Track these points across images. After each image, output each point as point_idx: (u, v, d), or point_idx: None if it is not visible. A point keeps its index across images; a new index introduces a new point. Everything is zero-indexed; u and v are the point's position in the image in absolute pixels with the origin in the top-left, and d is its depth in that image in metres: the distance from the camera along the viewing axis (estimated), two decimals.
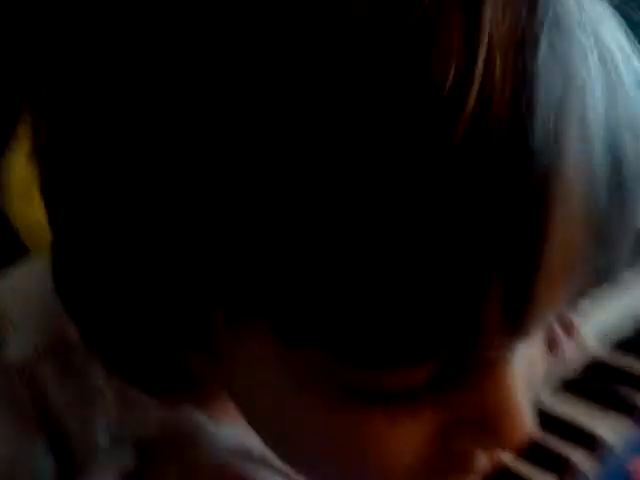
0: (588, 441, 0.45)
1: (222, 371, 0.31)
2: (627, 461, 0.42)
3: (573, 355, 0.55)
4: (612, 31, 0.25)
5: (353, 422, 0.28)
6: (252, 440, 0.37)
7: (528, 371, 0.29)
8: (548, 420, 0.48)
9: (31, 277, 0.37)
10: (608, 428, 0.46)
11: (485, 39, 0.22)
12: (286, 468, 0.37)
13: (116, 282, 0.29)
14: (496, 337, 0.24)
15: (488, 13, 0.22)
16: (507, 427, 0.27)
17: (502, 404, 0.27)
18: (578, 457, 0.44)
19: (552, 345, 0.54)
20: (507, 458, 0.44)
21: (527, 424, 0.27)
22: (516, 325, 0.24)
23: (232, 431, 0.40)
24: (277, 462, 0.37)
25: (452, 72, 0.21)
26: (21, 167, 0.54)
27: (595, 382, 0.52)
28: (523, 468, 0.43)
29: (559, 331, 0.54)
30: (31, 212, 0.50)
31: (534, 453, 0.44)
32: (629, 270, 0.27)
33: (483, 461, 0.29)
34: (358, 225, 0.22)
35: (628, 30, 0.27)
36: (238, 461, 0.39)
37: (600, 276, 0.26)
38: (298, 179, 0.22)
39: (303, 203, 0.22)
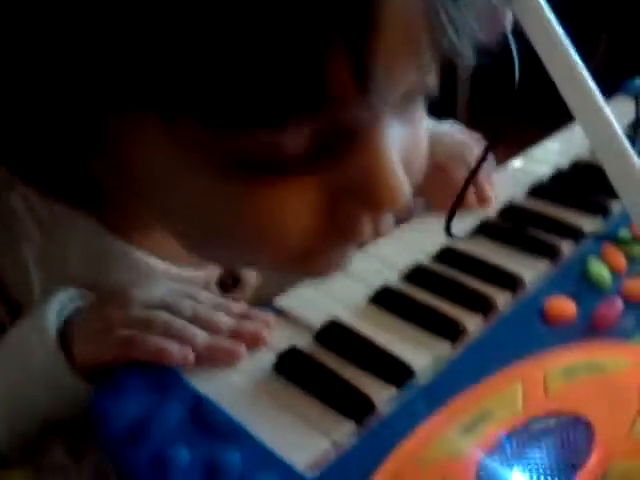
0: (508, 282, 0.47)
1: (125, 175, 0.34)
2: (542, 299, 0.44)
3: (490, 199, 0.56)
4: None
5: (244, 195, 0.30)
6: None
7: (406, 155, 0.33)
8: (468, 262, 0.50)
9: None
10: (526, 269, 0.48)
11: None
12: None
13: (22, 102, 0.31)
14: (349, 95, 0.27)
15: None
16: (382, 189, 0.30)
17: (376, 169, 0.30)
18: (500, 297, 0.46)
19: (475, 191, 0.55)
20: (434, 301, 0.46)
21: (402, 188, 0.31)
22: (363, 82, 0.26)
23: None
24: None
25: None
26: None
27: (511, 226, 0.54)
28: (449, 310, 0.45)
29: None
30: None
31: (458, 294, 0.46)
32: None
33: (369, 229, 0.34)
34: None
35: None
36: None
37: (447, 46, 0.28)
38: None
39: None
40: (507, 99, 0.48)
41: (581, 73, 0.36)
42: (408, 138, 0.34)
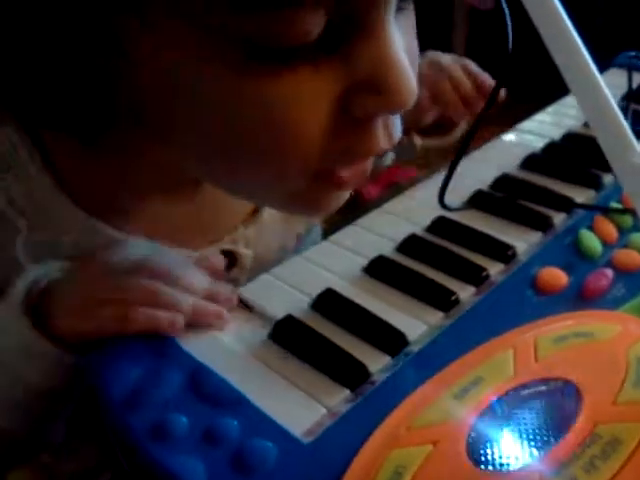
0: (501, 253, 0.48)
1: (143, 91, 0.33)
2: (534, 270, 0.45)
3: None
4: None
5: (263, 87, 0.31)
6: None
7: (409, 55, 0.33)
8: (461, 233, 0.51)
9: None
10: (519, 240, 0.49)
11: None
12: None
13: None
14: None
15: None
16: (393, 79, 0.32)
17: (386, 61, 0.32)
18: (493, 268, 0.47)
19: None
20: (427, 271, 0.47)
21: (411, 77, 0.32)
22: None
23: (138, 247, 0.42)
24: None
25: None
26: None
27: (504, 197, 0.54)
28: (443, 280, 0.45)
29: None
30: None
31: (452, 265, 0.47)
32: None
33: (382, 138, 0.34)
34: None
35: None
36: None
37: None
38: None
39: None
40: (500, 75, 0.48)
41: (577, 44, 0.36)
42: (407, 41, 0.35)
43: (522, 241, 0.49)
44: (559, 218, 0.51)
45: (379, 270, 0.47)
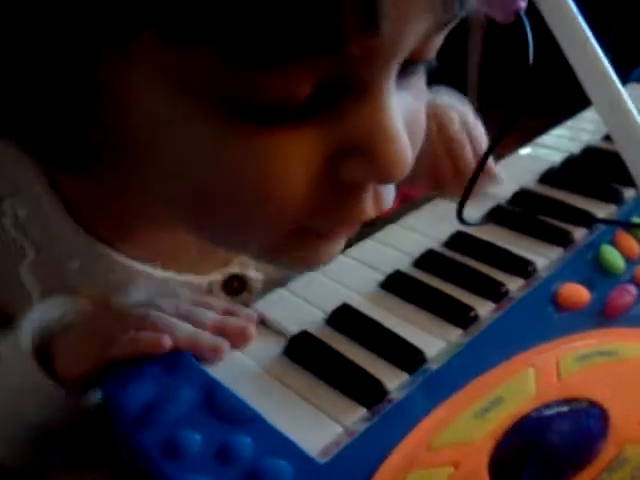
0: (520, 268, 0.47)
1: (119, 131, 0.32)
2: (555, 286, 0.44)
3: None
4: None
5: (243, 145, 0.30)
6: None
7: (409, 127, 0.32)
8: (480, 248, 0.50)
9: None
10: (538, 256, 0.48)
11: None
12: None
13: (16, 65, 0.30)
14: (355, 36, 0.25)
15: None
16: (386, 151, 0.29)
17: (380, 129, 0.29)
18: (512, 284, 0.46)
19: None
20: (445, 287, 0.46)
21: (406, 149, 0.30)
22: (371, 23, 0.25)
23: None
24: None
25: None
26: None
27: (523, 212, 0.53)
28: (461, 296, 0.45)
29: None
30: None
31: (470, 281, 0.46)
32: None
33: (370, 201, 0.33)
34: None
35: None
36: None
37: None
38: None
39: None
40: (518, 87, 0.47)
41: (600, 58, 0.35)
42: (411, 110, 0.33)
43: (542, 256, 0.48)
44: (580, 233, 0.50)
45: (396, 285, 0.46)
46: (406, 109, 0.32)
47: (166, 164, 0.32)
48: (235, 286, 0.48)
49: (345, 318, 0.43)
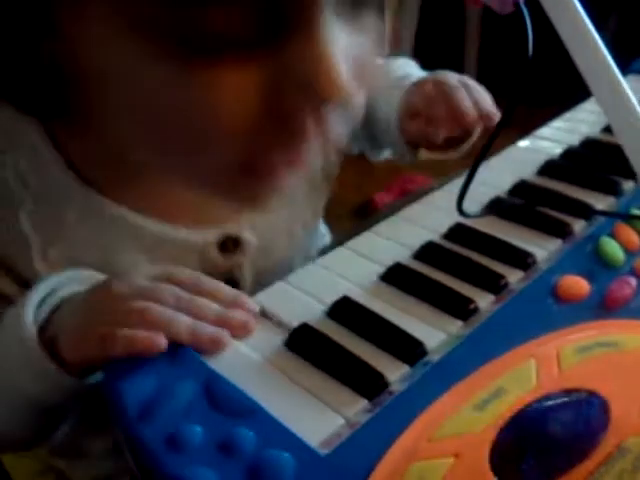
0: (520, 260, 0.47)
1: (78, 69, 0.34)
2: (555, 278, 0.44)
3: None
4: None
5: (187, 78, 0.31)
6: None
7: (356, 62, 0.34)
8: (480, 240, 0.50)
9: None
10: (538, 248, 0.48)
11: None
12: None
13: None
14: None
15: None
16: (321, 76, 0.31)
17: (318, 58, 0.31)
18: (512, 276, 0.46)
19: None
20: (445, 279, 0.46)
21: (340, 78, 0.32)
22: None
23: None
24: None
25: None
26: None
27: (523, 204, 0.53)
28: (461, 288, 0.45)
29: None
30: None
31: (470, 273, 0.46)
32: None
33: (312, 129, 0.34)
34: None
35: None
36: None
37: None
38: None
39: None
40: (517, 78, 0.47)
41: (600, 48, 0.35)
42: (358, 46, 0.35)
43: (541, 248, 0.48)
44: (579, 225, 0.50)
45: (396, 278, 0.46)
46: (354, 45, 0.34)
47: (120, 99, 0.35)
48: (229, 247, 0.49)
49: (345, 310, 0.43)
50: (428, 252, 0.49)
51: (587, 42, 0.37)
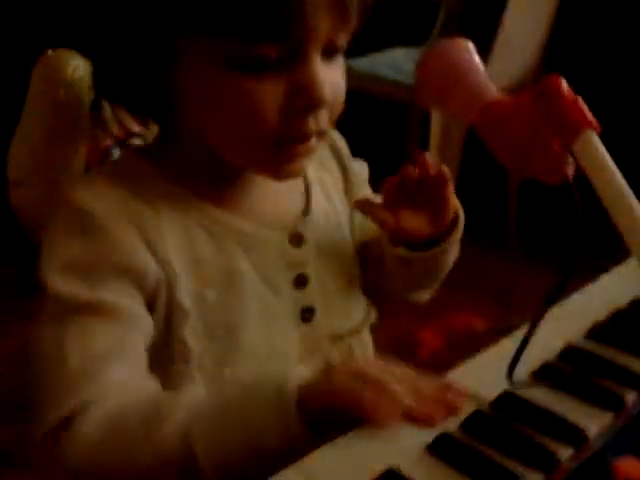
0: (571, 435, 0.45)
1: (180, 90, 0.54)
2: (611, 460, 0.42)
3: None
4: None
5: (237, 87, 0.51)
6: None
7: (332, 86, 0.54)
8: (528, 411, 0.48)
9: None
10: (589, 421, 0.47)
11: None
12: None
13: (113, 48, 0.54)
14: (293, 31, 0.49)
15: None
16: (312, 86, 0.51)
17: (311, 76, 0.51)
18: (564, 453, 0.44)
19: None
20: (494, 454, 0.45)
21: (325, 89, 0.52)
22: (300, 24, 0.49)
23: None
24: None
25: None
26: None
27: (572, 371, 0.52)
28: (510, 464, 0.43)
29: None
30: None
31: (518, 448, 0.45)
32: None
33: (312, 123, 0.54)
34: None
35: None
36: None
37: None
38: None
39: None
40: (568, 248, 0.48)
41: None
42: (334, 77, 0.54)
43: (593, 423, 0.46)
44: (631, 397, 0.49)
45: (443, 449, 0.45)
46: (330, 75, 0.53)
47: (200, 103, 0.54)
48: (296, 243, 0.60)
49: None
50: (475, 422, 0.47)
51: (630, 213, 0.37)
